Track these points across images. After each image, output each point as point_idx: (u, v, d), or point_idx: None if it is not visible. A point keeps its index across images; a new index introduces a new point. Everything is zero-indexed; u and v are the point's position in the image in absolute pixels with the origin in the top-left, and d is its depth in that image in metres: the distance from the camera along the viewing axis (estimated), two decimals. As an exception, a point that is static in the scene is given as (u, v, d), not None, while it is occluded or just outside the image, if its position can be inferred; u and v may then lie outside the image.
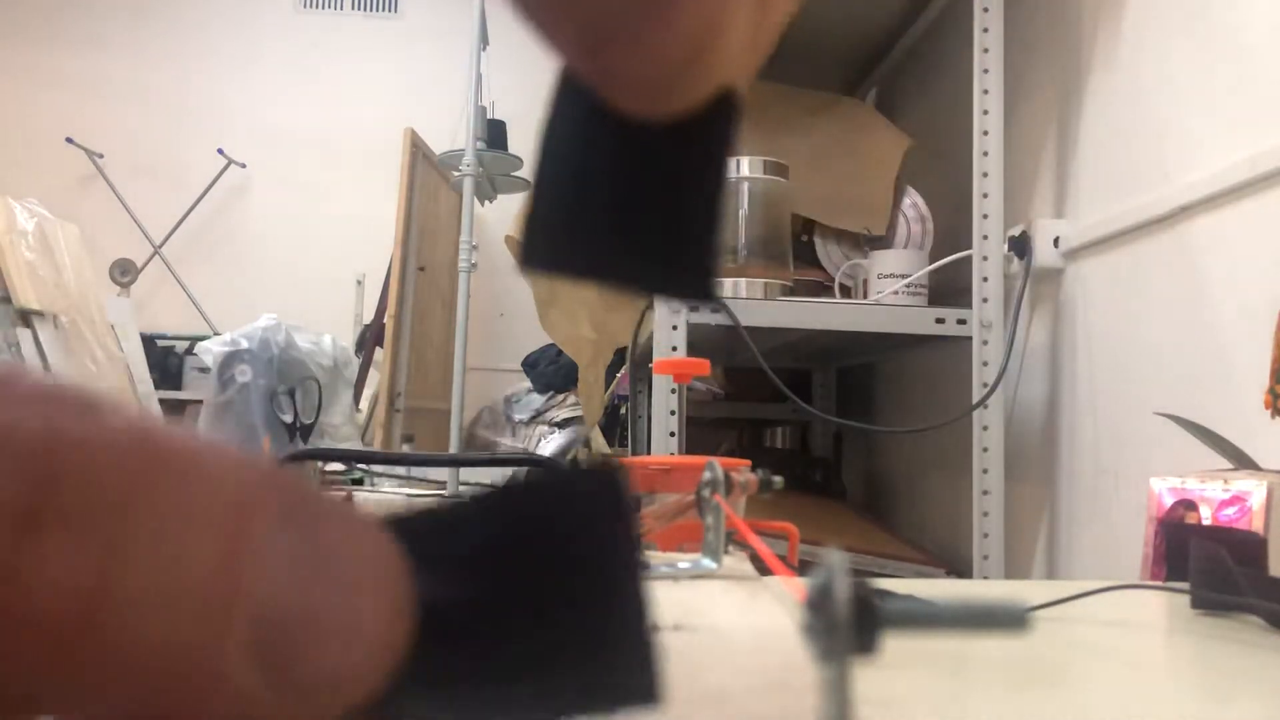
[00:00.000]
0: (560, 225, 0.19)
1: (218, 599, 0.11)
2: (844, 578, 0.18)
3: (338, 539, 0.12)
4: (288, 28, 4.23)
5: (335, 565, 0.12)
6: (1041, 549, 1.61)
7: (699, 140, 0.18)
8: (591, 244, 0.19)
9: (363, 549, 0.12)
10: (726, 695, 0.25)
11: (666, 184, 0.18)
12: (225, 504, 0.11)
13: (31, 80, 4.06)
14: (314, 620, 0.11)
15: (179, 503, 0.11)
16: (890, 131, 1.86)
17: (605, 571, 0.14)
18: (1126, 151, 1.43)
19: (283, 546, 0.11)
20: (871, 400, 2.48)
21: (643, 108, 0.17)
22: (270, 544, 0.11)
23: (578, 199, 0.19)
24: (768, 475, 0.53)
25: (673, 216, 0.19)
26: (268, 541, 0.11)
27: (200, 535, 0.11)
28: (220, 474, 0.11)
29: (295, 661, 0.11)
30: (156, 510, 0.11)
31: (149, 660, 0.11)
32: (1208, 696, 0.50)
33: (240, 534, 0.11)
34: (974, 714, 0.43)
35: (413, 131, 3.31)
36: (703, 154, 0.18)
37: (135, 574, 0.11)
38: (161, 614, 0.11)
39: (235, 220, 4.15)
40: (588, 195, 0.19)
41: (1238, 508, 0.81)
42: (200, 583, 0.11)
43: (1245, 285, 1.17)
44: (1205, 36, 1.26)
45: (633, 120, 0.17)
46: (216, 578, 0.11)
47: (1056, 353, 1.60)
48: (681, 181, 0.18)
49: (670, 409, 1.49)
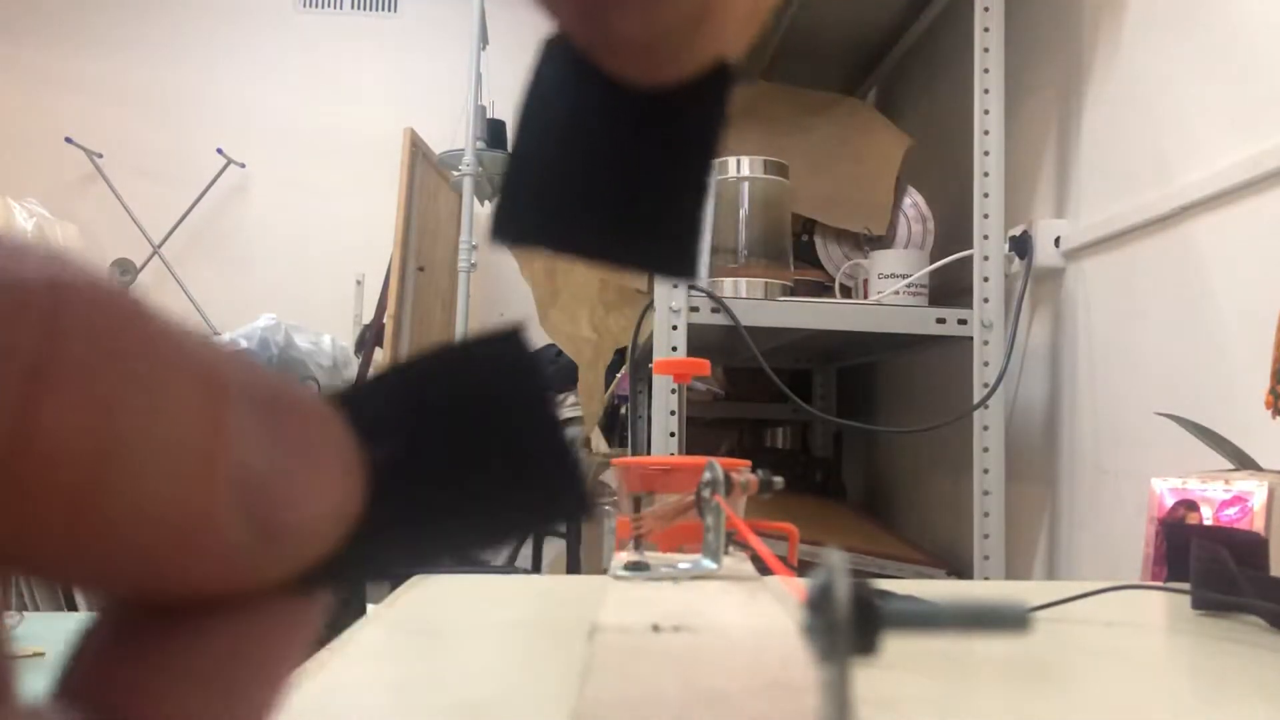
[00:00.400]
0: (539, 194, 0.18)
1: (206, 455, 0.12)
2: (844, 578, 0.18)
3: (294, 406, 0.13)
4: (287, 27, 4.22)
5: (295, 429, 0.13)
6: (1042, 549, 1.61)
7: (691, 111, 0.18)
8: (571, 214, 0.18)
9: (315, 416, 0.13)
10: (726, 696, 0.25)
11: (654, 155, 0.18)
12: (207, 365, 0.12)
13: (30, 80, 4.06)
14: (286, 477, 0.12)
15: (172, 362, 0.12)
16: (891, 131, 1.86)
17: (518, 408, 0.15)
18: (1127, 151, 1.43)
19: (253, 410, 0.12)
20: (872, 400, 2.48)
21: (637, 73, 0.17)
22: (243, 407, 0.12)
23: (559, 167, 0.18)
24: (768, 475, 0.52)
25: (659, 189, 0.18)
26: (241, 405, 0.12)
27: (191, 393, 0.12)
28: (197, 341, 0.12)
29: (274, 514, 0.12)
30: (154, 367, 0.11)
31: (151, 515, 0.11)
32: (1208, 697, 0.50)
33: (221, 396, 0.12)
34: (974, 714, 0.43)
35: (412, 131, 3.31)
36: (694, 126, 0.18)
37: (136, 428, 0.11)
38: (161, 467, 0.11)
39: (234, 220, 4.15)
40: (570, 163, 0.18)
41: (1239, 508, 0.80)
42: (192, 439, 0.12)
43: (1246, 285, 1.17)
44: (1206, 36, 1.26)
45: (623, 87, 0.17)
46: (205, 435, 0.12)
47: (1057, 353, 1.60)
48: (670, 153, 0.18)
49: (670, 409, 1.49)
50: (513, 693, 0.46)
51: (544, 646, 0.57)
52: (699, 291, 1.52)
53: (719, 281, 1.58)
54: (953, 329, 1.57)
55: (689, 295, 1.51)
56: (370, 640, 0.56)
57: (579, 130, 0.18)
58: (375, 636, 0.57)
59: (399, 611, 0.64)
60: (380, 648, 0.55)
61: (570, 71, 0.18)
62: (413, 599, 0.68)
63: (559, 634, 0.58)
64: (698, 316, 1.51)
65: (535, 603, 0.73)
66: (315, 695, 0.44)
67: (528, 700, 0.45)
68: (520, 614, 0.66)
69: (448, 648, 0.56)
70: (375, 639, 0.56)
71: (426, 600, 0.68)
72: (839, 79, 2.27)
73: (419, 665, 0.51)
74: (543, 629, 0.62)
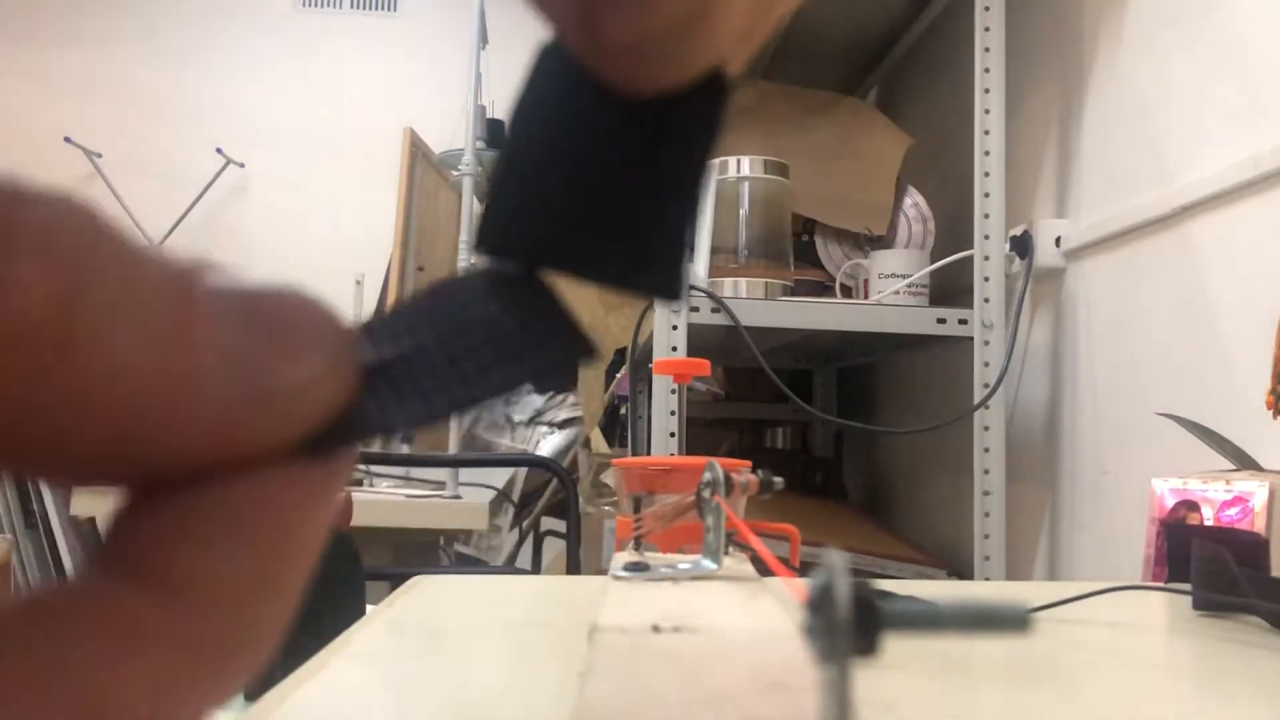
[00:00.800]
0: (524, 204, 0.18)
1: (181, 324, 0.12)
2: (845, 578, 0.18)
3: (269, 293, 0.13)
4: (286, 26, 4.22)
5: (272, 309, 0.13)
6: (1043, 550, 1.61)
7: (682, 122, 0.17)
8: (554, 228, 0.18)
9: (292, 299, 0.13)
10: (726, 696, 0.25)
11: (642, 168, 0.17)
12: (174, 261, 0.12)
13: (29, 80, 4.06)
14: (271, 330, 0.13)
15: (140, 254, 0.12)
16: (891, 131, 1.86)
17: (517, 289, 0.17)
18: (1128, 151, 1.43)
19: (227, 295, 0.13)
20: (872, 400, 2.48)
21: (626, 78, 0.17)
22: (217, 292, 0.13)
23: (546, 177, 0.18)
24: (768, 476, 0.52)
25: (645, 204, 0.17)
26: (215, 291, 0.12)
27: (160, 274, 0.12)
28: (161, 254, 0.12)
29: (261, 377, 0.12)
30: (123, 250, 0.12)
31: (127, 375, 0.11)
32: (1209, 697, 0.50)
33: (192, 279, 0.12)
34: (975, 715, 0.43)
35: (412, 131, 3.31)
36: (685, 138, 0.17)
37: (106, 298, 0.11)
38: (132, 323, 0.11)
39: (234, 219, 4.15)
40: (557, 174, 0.18)
41: (1239, 508, 0.80)
42: (163, 295, 0.12)
43: (1247, 285, 1.17)
44: (1207, 35, 1.26)
45: (614, 95, 0.17)
46: (177, 292, 0.12)
47: (1058, 353, 1.60)
48: (659, 166, 0.17)
49: (670, 409, 1.49)
50: (513, 693, 0.46)
51: (544, 646, 0.57)
52: (699, 291, 1.52)
53: (719, 281, 1.58)
54: (953, 329, 1.57)
55: (689, 295, 1.51)
56: (370, 641, 0.55)
57: (567, 140, 0.17)
58: (375, 637, 0.57)
59: (398, 612, 0.64)
60: (380, 648, 0.55)
61: (562, 78, 0.17)
62: (412, 599, 0.68)
63: (559, 634, 0.58)
64: (698, 316, 1.51)
65: (535, 603, 0.73)
66: (315, 695, 0.44)
67: (528, 700, 0.45)
68: (520, 614, 0.66)
69: (447, 648, 0.56)
70: (375, 639, 0.56)
71: (426, 600, 0.68)
72: (839, 78, 2.27)
73: (418, 666, 0.51)
74: (543, 629, 0.62)
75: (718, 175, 1.60)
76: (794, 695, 0.25)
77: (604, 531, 2.17)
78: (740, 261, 1.60)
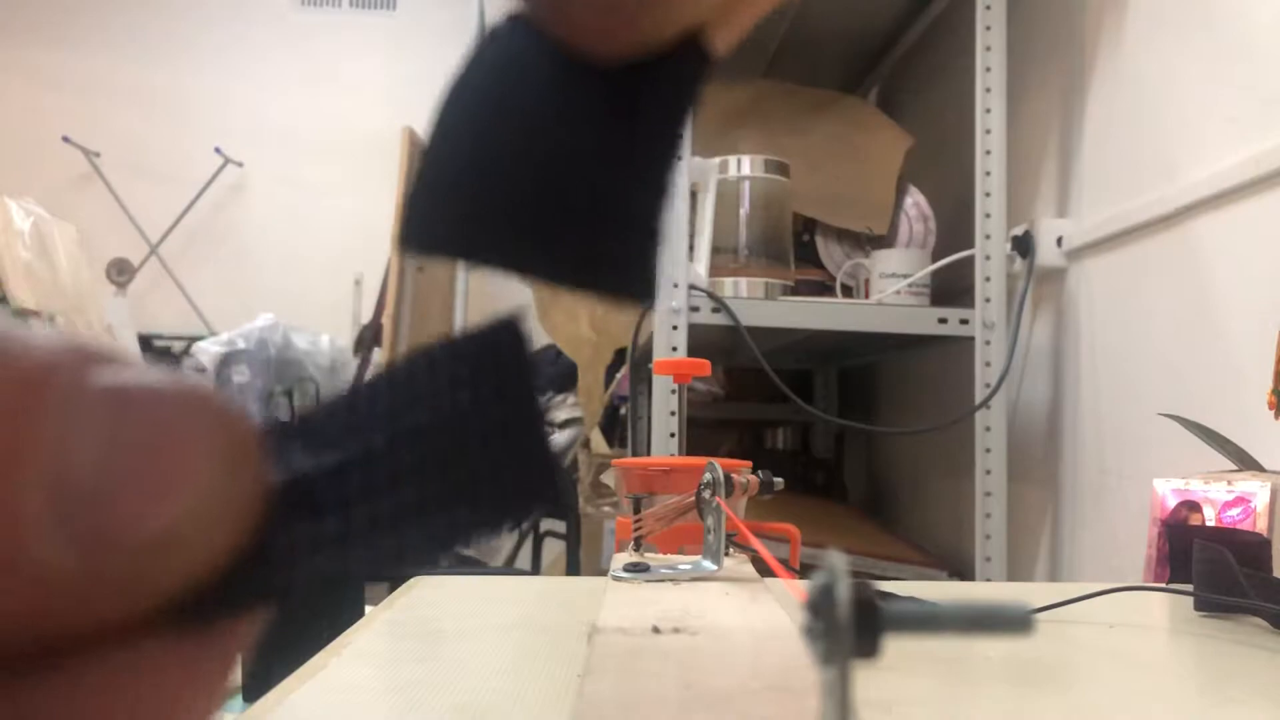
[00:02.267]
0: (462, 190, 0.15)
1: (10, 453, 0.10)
2: (845, 579, 0.18)
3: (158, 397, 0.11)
4: (285, 25, 4.22)
5: (151, 421, 0.10)
6: (1044, 550, 1.61)
7: (655, 92, 0.15)
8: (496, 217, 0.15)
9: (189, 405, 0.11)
10: (727, 697, 0.25)
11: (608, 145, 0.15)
12: (23, 359, 0.10)
13: (28, 79, 4.06)
14: (126, 482, 0.10)
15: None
16: (892, 130, 1.86)
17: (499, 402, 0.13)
18: (1130, 150, 1.43)
19: (92, 404, 0.10)
20: (873, 401, 2.47)
21: (591, 39, 0.14)
22: (76, 400, 0.10)
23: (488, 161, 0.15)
24: (769, 476, 0.52)
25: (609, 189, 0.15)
26: (74, 397, 0.10)
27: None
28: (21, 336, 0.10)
29: (109, 527, 0.10)
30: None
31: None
32: (1211, 698, 0.50)
33: (40, 387, 0.10)
34: (976, 716, 0.43)
35: (411, 130, 3.31)
36: (658, 111, 0.15)
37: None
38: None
39: (232, 219, 4.15)
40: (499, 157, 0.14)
41: (1241, 509, 0.80)
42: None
43: (1249, 285, 1.17)
44: (1209, 35, 1.26)
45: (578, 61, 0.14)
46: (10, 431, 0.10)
47: (1059, 353, 1.60)
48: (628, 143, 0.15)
49: (670, 409, 1.48)
50: (513, 693, 0.46)
51: (544, 647, 0.57)
52: (699, 291, 1.52)
53: (719, 281, 1.57)
54: (954, 329, 1.57)
55: (689, 295, 1.51)
56: (369, 641, 0.55)
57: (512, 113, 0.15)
58: (374, 637, 0.56)
59: (397, 612, 0.63)
60: (379, 649, 0.55)
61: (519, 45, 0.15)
62: (411, 600, 0.67)
63: (559, 635, 0.58)
64: (698, 316, 1.51)
65: (535, 603, 0.72)
66: (314, 695, 0.44)
67: (528, 701, 0.44)
68: (520, 615, 0.66)
69: (446, 648, 0.56)
70: (374, 640, 0.56)
71: (425, 601, 0.68)
72: (840, 77, 2.27)
73: (418, 666, 0.51)
74: (543, 630, 0.62)
75: (718, 175, 1.60)
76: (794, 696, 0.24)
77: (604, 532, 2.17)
78: (740, 261, 1.60)
